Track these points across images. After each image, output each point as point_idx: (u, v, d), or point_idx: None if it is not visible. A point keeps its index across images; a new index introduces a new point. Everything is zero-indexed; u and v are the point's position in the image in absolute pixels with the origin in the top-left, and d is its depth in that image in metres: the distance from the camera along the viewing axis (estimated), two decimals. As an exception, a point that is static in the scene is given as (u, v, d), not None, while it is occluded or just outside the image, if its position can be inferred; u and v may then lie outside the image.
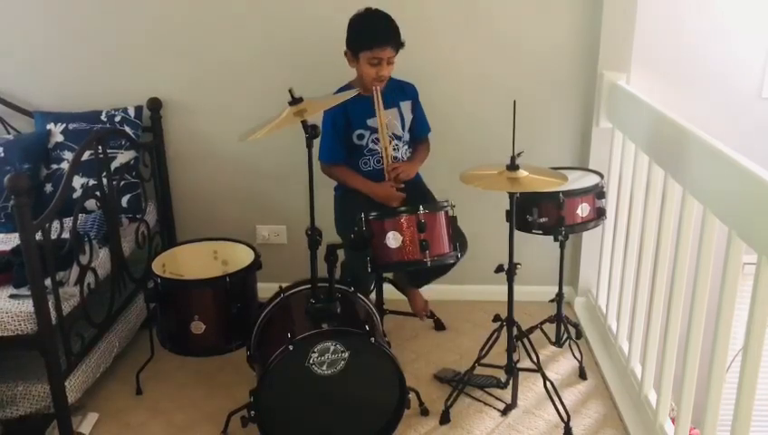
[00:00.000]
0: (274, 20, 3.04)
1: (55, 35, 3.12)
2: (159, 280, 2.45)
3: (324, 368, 2.19)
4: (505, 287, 2.41)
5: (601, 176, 2.63)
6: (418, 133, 2.84)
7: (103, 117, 3.03)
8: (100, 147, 2.67)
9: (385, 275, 2.92)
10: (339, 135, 2.71)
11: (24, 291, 2.28)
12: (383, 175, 2.72)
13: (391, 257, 2.32)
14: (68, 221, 2.41)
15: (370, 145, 2.74)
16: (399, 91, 2.78)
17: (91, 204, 2.77)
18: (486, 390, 2.65)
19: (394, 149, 2.75)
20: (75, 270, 2.41)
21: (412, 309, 2.99)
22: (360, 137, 2.73)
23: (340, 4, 2.67)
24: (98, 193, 2.66)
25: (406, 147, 2.80)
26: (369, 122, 2.71)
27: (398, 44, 2.61)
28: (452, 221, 2.39)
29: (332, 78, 2.75)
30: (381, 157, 2.71)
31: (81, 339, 2.48)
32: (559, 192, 2.43)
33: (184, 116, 3.19)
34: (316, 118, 2.28)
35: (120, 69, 3.14)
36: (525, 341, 2.53)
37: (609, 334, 2.88)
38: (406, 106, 2.79)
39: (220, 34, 3.08)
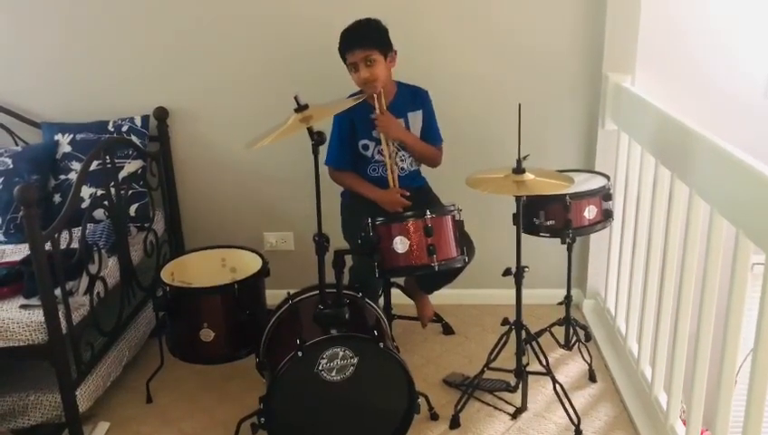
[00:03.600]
0: (280, 27, 3.05)
1: (62, 47, 3.14)
2: (168, 288, 2.46)
3: (333, 374, 2.20)
4: (513, 291, 2.41)
5: (608, 178, 2.62)
6: (429, 143, 2.81)
7: (110, 127, 3.05)
8: (107, 157, 2.68)
9: (393, 279, 2.92)
10: (345, 141, 2.72)
11: (35, 301, 2.29)
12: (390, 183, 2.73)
13: (399, 262, 2.33)
14: (77, 231, 2.44)
15: (376, 157, 2.74)
16: (409, 100, 2.76)
17: (99, 213, 2.79)
18: (496, 394, 2.65)
19: (400, 160, 2.75)
20: (84, 280, 2.42)
21: (419, 315, 2.99)
22: (365, 147, 2.73)
23: (345, 11, 2.68)
24: (106, 203, 2.68)
25: (412, 158, 2.80)
26: (375, 133, 2.71)
27: (369, 44, 2.58)
28: (459, 225, 2.39)
29: (338, 85, 2.75)
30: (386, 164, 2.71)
31: (92, 348, 2.49)
32: (565, 195, 2.43)
33: (190, 124, 3.21)
34: (322, 124, 2.29)
35: (126, 78, 3.16)
36: (534, 344, 2.52)
37: (618, 336, 2.88)
38: (414, 117, 2.77)
39: (225, 43, 3.09)
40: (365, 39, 2.60)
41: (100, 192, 2.80)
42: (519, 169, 2.23)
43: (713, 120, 2.40)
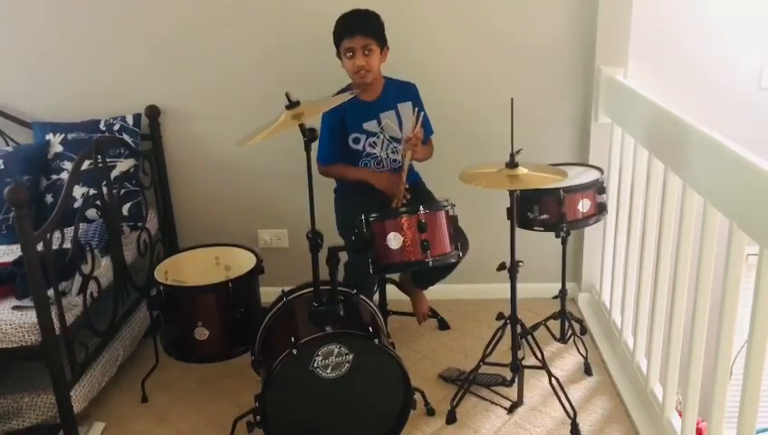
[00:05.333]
0: (270, 25, 3.04)
1: (52, 46, 3.12)
2: (162, 287, 2.45)
3: (329, 371, 2.19)
4: (508, 285, 2.40)
5: (601, 171, 2.63)
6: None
7: (102, 126, 3.03)
8: (99, 156, 2.67)
9: (388, 276, 2.91)
10: (335, 137, 2.71)
11: (27, 302, 2.28)
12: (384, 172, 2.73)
13: (393, 258, 2.32)
14: (69, 231, 2.42)
15: (368, 149, 2.74)
16: (398, 93, 2.77)
17: (91, 213, 2.77)
18: (492, 388, 2.65)
19: (392, 152, 2.75)
20: (77, 280, 2.41)
21: (414, 311, 2.99)
22: (356, 141, 2.72)
23: (336, 7, 2.67)
24: (98, 202, 2.67)
25: None
26: (366, 126, 2.71)
27: (369, 33, 2.59)
28: (452, 220, 2.39)
29: (329, 81, 2.75)
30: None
31: (86, 348, 2.48)
32: (559, 188, 2.43)
33: (182, 123, 3.19)
34: (314, 121, 2.28)
35: (117, 77, 3.14)
36: (530, 338, 2.52)
37: (613, 329, 2.88)
38: (405, 108, 2.77)
39: (216, 40, 3.08)
40: (368, 27, 2.60)
41: (92, 192, 2.79)
42: (512, 164, 2.23)
43: (706, 111, 2.41)
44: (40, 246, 2.20)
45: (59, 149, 3.00)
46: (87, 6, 3.07)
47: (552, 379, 2.45)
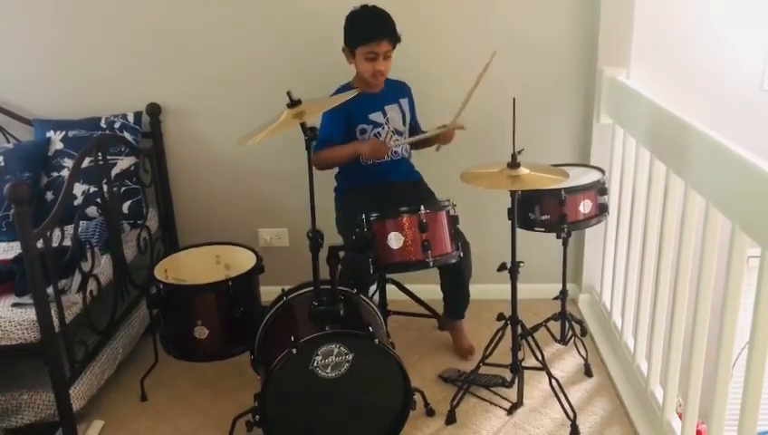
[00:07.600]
0: (271, 22, 3.04)
1: (53, 43, 3.12)
2: (162, 286, 2.44)
3: (328, 371, 2.19)
4: (509, 286, 2.40)
5: (603, 172, 2.62)
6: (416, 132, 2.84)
7: (103, 123, 3.03)
8: (99, 153, 2.67)
9: (389, 276, 2.90)
10: (335, 131, 2.68)
11: (27, 299, 2.27)
12: (385, 170, 2.74)
13: (393, 258, 2.32)
14: (69, 228, 2.42)
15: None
16: (397, 89, 2.82)
17: (92, 211, 2.77)
18: (492, 389, 2.64)
19: (395, 143, 2.76)
20: (77, 277, 2.41)
21: (455, 347, 2.91)
22: (363, 132, 2.73)
23: (338, 4, 2.67)
24: (99, 200, 2.66)
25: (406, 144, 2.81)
26: (372, 117, 2.71)
27: (394, 39, 2.61)
28: (453, 221, 2.39)
29: (331, 79, 2.74)
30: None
31: (85, 346, 2.48)
32: (560, 189, 2.42)
33: (183, 121, 3.19)
34: (315, 120, 2.28)
35: (118, 75, 3.14)
36: (530, 339, 2.52)
37: (614, 331, 2.87)
38: (405, 103, 2.82)
39: (217, 38, 3.07)
40: (391, 33, 2.61)
41: (92, 189, 2.79)
42: (514, 164, 2.22)
43: (709, 113, 2.40)
44: (40, 244, 2.20)
45: (59, 146, 3.00)
46: (88, 4, 3.06)
47: (552, 380, 2.44)
